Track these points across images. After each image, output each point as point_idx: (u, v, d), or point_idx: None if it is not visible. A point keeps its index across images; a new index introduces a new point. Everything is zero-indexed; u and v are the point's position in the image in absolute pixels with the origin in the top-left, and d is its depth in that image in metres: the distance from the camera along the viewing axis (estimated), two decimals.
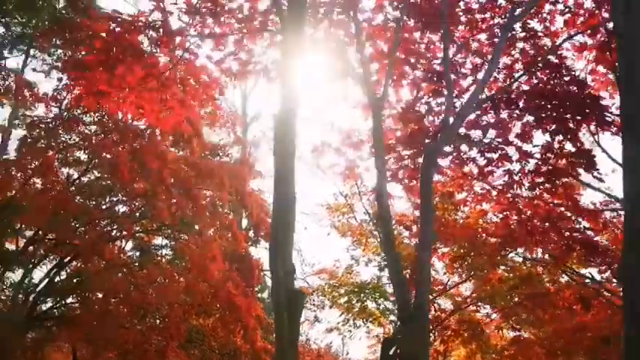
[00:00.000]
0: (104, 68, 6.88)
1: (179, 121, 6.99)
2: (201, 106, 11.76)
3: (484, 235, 10.93)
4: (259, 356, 11.71)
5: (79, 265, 12.28)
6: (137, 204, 12.94)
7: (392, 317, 13.92)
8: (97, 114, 11.55)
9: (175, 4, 6.96)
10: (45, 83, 20.73)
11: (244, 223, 16.43)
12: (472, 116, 7.74)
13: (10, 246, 12.62)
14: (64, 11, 13.00)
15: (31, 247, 12.39)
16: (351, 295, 14.29)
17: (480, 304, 13.71)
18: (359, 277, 14.83)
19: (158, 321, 12.50)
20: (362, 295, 14.14)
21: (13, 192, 11.46)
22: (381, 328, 15.25)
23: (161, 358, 10.21)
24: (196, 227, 12.77)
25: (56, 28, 12.08)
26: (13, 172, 11.59)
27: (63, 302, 12.43)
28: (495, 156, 7.94)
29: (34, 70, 15.47)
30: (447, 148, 7.82)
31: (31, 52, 15.46)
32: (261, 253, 15.85)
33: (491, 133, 7.98)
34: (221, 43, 7.57)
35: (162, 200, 10.86)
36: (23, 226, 12.34)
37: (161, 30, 6.86)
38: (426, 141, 7.89)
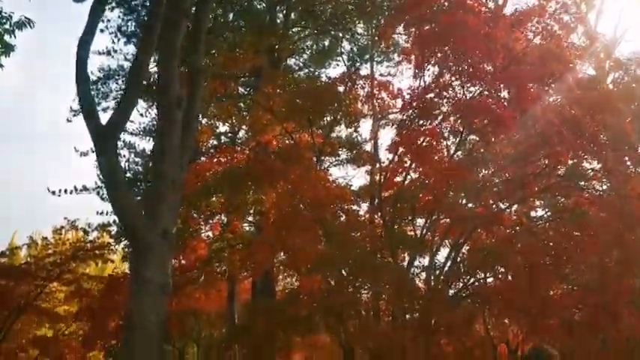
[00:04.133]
0: None
1: None
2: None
3: None
4: None
5: (477, 239, 11.86)
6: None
7: None
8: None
9: None
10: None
11: None
12: None
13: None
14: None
15: (427, 234, 12.57)
16: None
17: None
18: None
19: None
20: None
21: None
22: None
23: (613, 317, 8.67)
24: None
25: (395, 16, 12.37)
26: (394, 166, 12.11)
27: (473, 279, 12.09)
28: None
29: (381, 75, 16.46)
30: None
31: (375, 57, 16.49)
32: None
33: None
34: None
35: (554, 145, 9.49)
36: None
37: None
38: None
